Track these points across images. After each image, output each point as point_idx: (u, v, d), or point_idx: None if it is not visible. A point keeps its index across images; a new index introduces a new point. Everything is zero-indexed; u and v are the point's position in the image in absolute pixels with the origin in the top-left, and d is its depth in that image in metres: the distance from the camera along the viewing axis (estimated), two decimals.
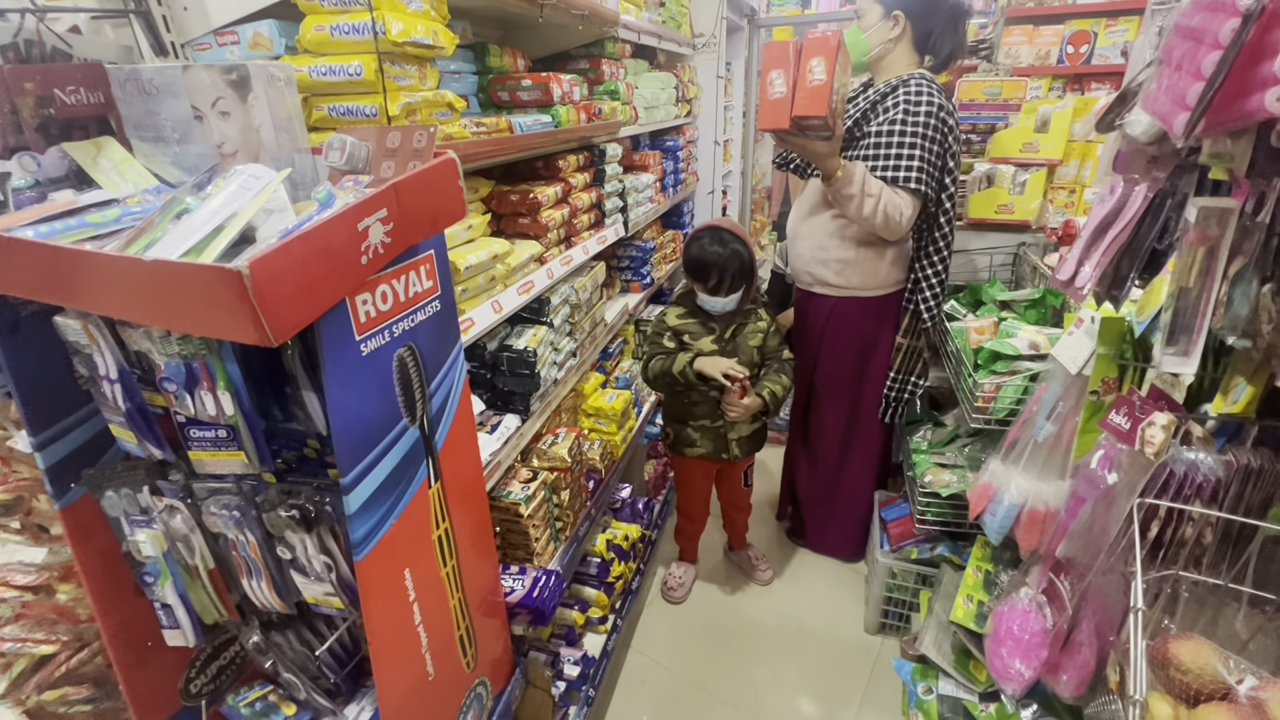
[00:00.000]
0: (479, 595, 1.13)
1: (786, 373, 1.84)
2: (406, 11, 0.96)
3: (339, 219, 0.65)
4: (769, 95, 1.44)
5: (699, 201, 3.07)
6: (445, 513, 0.99)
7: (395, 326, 0.82)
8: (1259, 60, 0.65)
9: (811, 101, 1.40)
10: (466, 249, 1.23)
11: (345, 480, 0.77)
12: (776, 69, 1.42)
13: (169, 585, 0.94)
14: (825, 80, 1.38)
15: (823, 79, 1.38)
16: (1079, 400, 1.19)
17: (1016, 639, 1.17)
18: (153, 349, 0.79)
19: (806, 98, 1.40)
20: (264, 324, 0.58)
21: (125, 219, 0.77)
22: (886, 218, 1.69)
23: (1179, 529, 0.86)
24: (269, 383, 0.90)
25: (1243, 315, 0.76)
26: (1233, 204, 0.75)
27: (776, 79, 1.43)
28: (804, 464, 2.25)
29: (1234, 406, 0.92)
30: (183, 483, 0.92)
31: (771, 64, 1.43)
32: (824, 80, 1.38)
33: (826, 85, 1.38)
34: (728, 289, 1.73)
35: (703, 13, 2.79)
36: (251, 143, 0.86)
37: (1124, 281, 0.99)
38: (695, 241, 1.75)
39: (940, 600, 1.63)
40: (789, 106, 1.43)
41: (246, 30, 0.96)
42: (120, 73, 0.88)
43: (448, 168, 0.81)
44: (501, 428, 1.37)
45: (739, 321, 1.83)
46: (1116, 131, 0.97)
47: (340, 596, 0.95)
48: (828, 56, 1.36)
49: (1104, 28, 3.48)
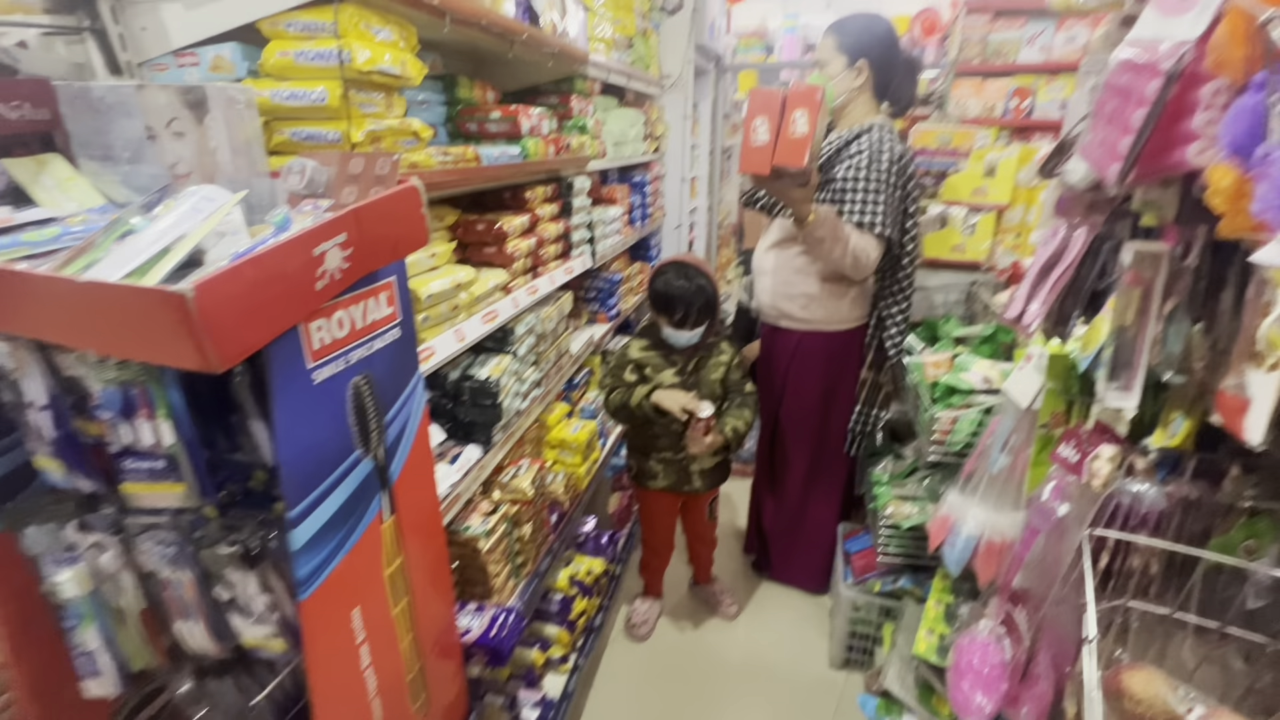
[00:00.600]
0: (433, 635, 1.08)
1: (749, 407, 1.86)
2: (374, 41, 0.96)
3: (294, 243, 0.63)
4: (752, 141, 1.47)
5: (666, 236, 3.12)
6: (399, 548, 0.95)
7: (351, 354, 0.80)
8: (1181, 117, 0.70)
9: (792, 153, 1.44)
10: (429, 276, 1.21)
11: (291, 514, 0.74)
12: (761, 115, 1.45)
13: (92, 629, 0.88)
14: (807, 133, 1.42)
15: (805, 131, 1.42)
16: (1030, 433, 1.23)
17: (977, 672, 1.17)
18: (88, 374, 0.75)
19: (788, 148, 1.44)
20: (208, 350, 0.55)
21: (65, 238, 0.74)
22: (855, 260, 1.74)
23: (1127, 559, 0.89)
24: (215, 411, 0.86)
25: (1177, 353, 0.80)
26: (1164, 248, 0.79)
27: (760, 126, 1.46)
28: (770, 497, 2.26)
29: (1173, 440, 0.95)
30: (114, 517, 0.86)
31: (757, 110, 1.46)
32: (806, 133, 1.42)
33: (808, 138, 1.42)
34: (692, 323, 1.76)
35: (671, 55, 2.88)
36: (207, 164, 0.84)
37: (1068, 319, 1.04)
38: (660, 275, 1.78)
39: (903, 633, 1.64)
40: (770, 154, 1.47)
41: (207, 52, 0.94)
42: (69, 90, 0.85)
43: (410, 195, 0.81)
44: (462, 459, 1.34)
45: (701, 354, 1.85)
46: (1057, 178, 1.02)
47: (283, 639, 0.89)
48: (811, 110, 1.41)
49: (1044, 84, 3.73)
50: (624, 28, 2.27)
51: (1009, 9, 3.72)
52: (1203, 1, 0.69)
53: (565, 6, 1.67)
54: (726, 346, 1.88)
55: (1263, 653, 0.81)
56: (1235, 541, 0.85)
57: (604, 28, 2.05)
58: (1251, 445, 0.64)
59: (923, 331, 2.09)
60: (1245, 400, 0.66)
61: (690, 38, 2.87)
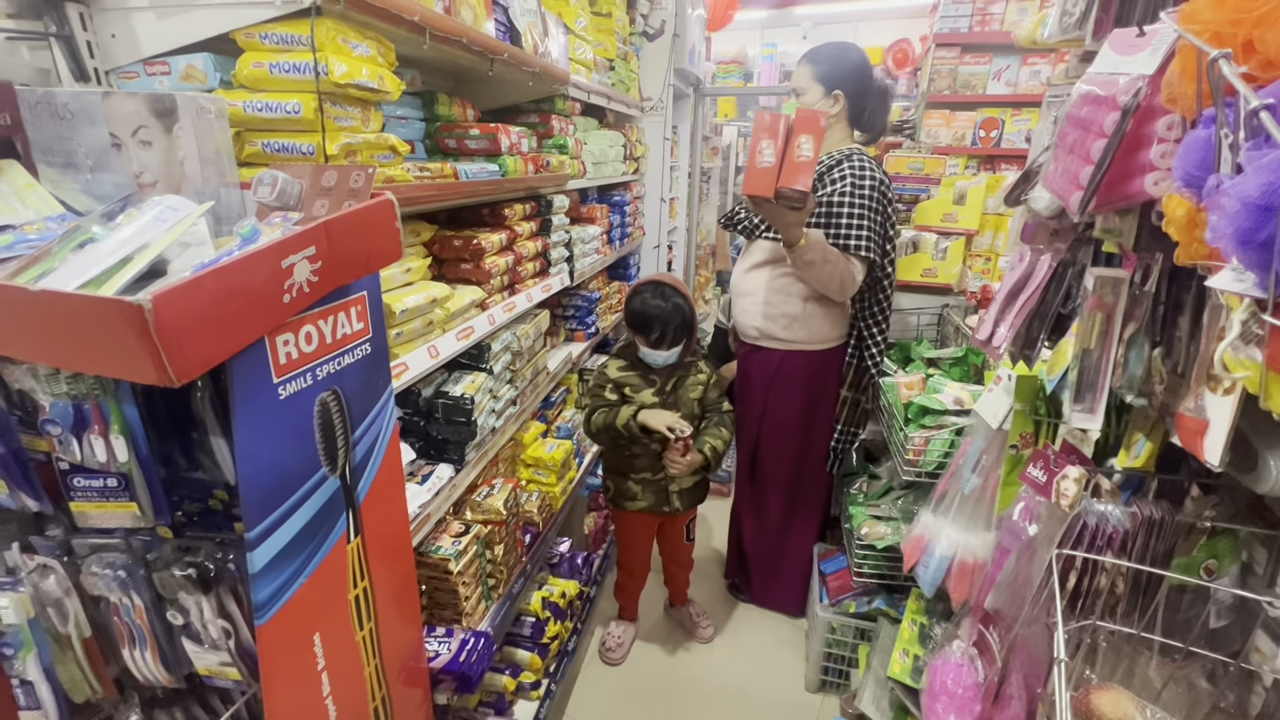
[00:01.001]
0: (399, 661, 1.04)
1: (727, 426, 1.87)
2: (351, 55, 0.96)
3: (260, 255, 0.62)
4: (757, 162, 1.48)
5: (645, 255, 3.14)
6: (365, 570, 0.92)
7: (319, 369, 0.78)
8: (1137, 149, 0.73)
9: (798, 176, 1.45)
10: (404, 292, 1.20)
11: (250, 535, 0.71)
12: (767, 138, 1.46)
13: (32, 658, 0.83)
14: (812, 157, 1.44)
15: (809, 156, 1.44)
16: (1000, 454, 1.25)
17: (950, 693, 1.17)
18: (38, 388, 0.71)
19: (794, 171, 1.45)
20: (165, 363, 0.53)
21: (19, 246, 0.71)
22: (842, 281, 1.79)
23: (1094, 579, 0.90)
24: (174, 427, 0.83)
25: (1138, 375, 0.83)
26: (1123, 274, 0.82)
27: (766, 148, 1.47)
28: (751, 518, 2.25)
29: (1136, 461, 0.98)
30: (61, 538, 0.82)
31: (763, 132, 1.47)
32: (811, 157, 1.44)
33: (812, 162, 1.45)
34: (669, 342, 1.77)
35: (651, 78, 2.93)
36: (174, 174, 0.82)
37: (1035, 342, 1.06)
38: (637, 295, 1.79)
39: (878, 655, 1.63)
40: (775, 177, 1.47)
41: (179, 62, 0.93)
42: (32, 95, 0.83)
43: (384, 208, 0.80)
44: (433, 478, 1.31)
45: (679, 374, 1.86)
46: (1023, 206, 1.06)
47: (239, 667, 0.85)
48: (816, 135, 1.43)
49: (1010, 116, 3.87)
50: (605, 50, 2.30)
51: (976, 44, 3.87)
52: (1156, 40, 0.72)
53: (547, 28, 1.69)
54: (704, 366, 1.89)
55: (1226, 672, 0.82)
56: (1197, 561, 0.87)
57: (585, 50, 2.07)
58: (1211, 466, 0.66)
59: (895, 353, 2.13)
60: (1204, 422, 0.68)
61: (670, 62, 2.92)
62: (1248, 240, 0.44)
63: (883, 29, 5.55)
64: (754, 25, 5.89)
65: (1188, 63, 0.59)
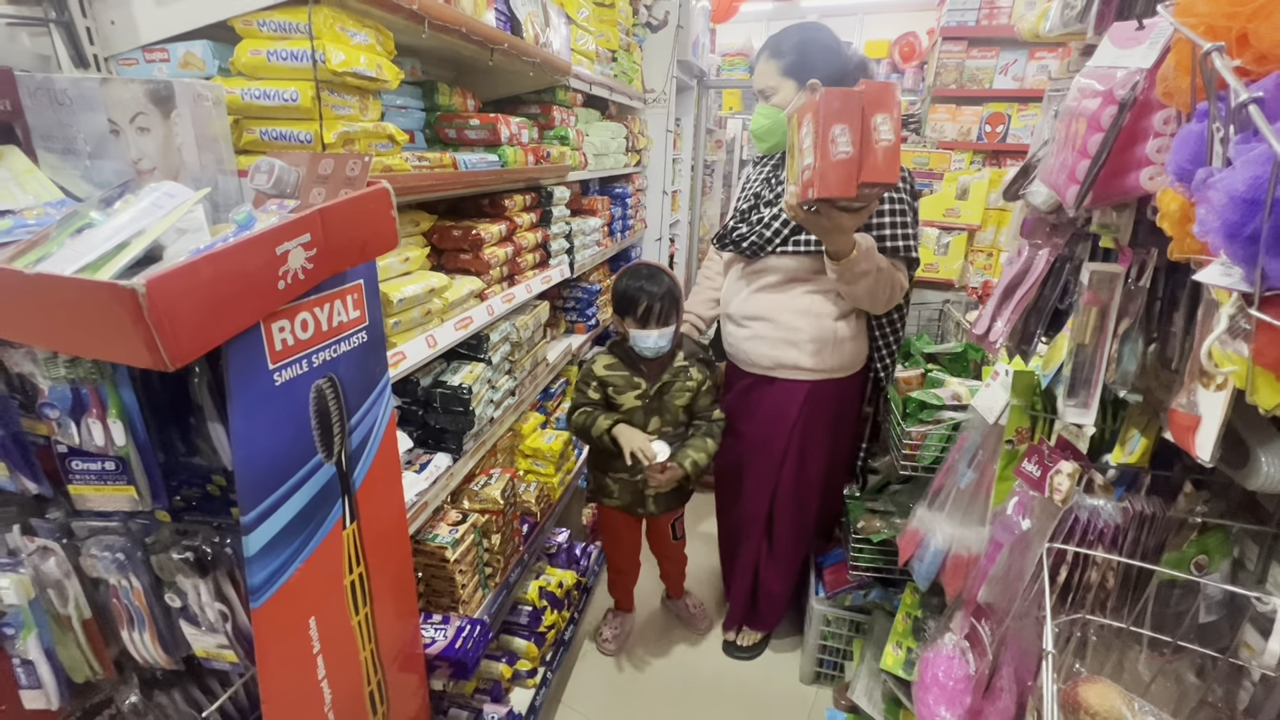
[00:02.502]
0: (395, 647, 1.05)
1: (714, 435, 1.75)
2: (349, 43, 0.96)
3: (255, 241, 0.62)
4: (832, 154, 1.15)
5: (647, 248, 3.14)
6: (360, 556, 0.93)
7: (315, 356, 0.78)
8: (1134, 143, 0.73)
9: (884, 166, 1.16)
10: (402, 281, 1.20)
11: (246, 519, 0.72)
12: (840, 123, 1.14)
13: (32, 638, 0.84)
14: (895, 141, 1.16)
15: (891, 139, 1.15)
16: (996, 449, 1.25)
17: (942, 686, 1.18)
18: (36, 371, 0.72)
19: (879, 161, 1.16)
20: (160, 347, 0.54)
21: (18, 230, 0.72)
22: (892, 292, 1.56)
23: (1085, 573, 0.90)
24: (172, 412, 0.84)
25: (1132, 371, 0.83)
26: (1119, 269, 0.82)
27: (840, 136, 1.15)
28: (771, 564, 1.98)
29: (1130, 457, 0.98)
30: (61, 521, 0.83)
31: (834, 115, 1.14)
32: (894, 141, 1.15)
33: (898, 147, 1.17)
34: (659, 319, 1.65)
35: (654, 70, 2.92)
36: (171, 161, 0.83)
37: (1031, 338, 1.06)
38: (621, 278, 1.74)
39: (872, 647, 1.64)
40: (856, 170, 1.16)
41: (178, 49, 0.93)
42: (31, 81, 0.83)
43: (380, 196, 0.80)
44: (431, 467, 1.32)
45: (667, 379, 1.74)
46: (1021, 200, 1.05)
47: (235, 649, 0.86)
48: (894, 112, 1.15)
49: (1016, 111, 3.84)
50: (607, 41, 2.29)
51: (983, 38, 3.84)
52: (1154, 34, 0.72)
53: (548, 18, 1.69)
54: (695, 373, 1.76)
55: (1215, 666, 0.82)
56: (1187, 557, 0.87)
57: (587, 41, 2.06)
58: (1202, 462, 0.66)
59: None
60: (1196, 418, 0.68)
61: (673, 54, 2.91)
62: (1234, 234, 0.44)
63: (889, 22, 5.51)
64: (760, 17, 5.85)
65: (1183, 56, 0.59)
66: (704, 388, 1.77)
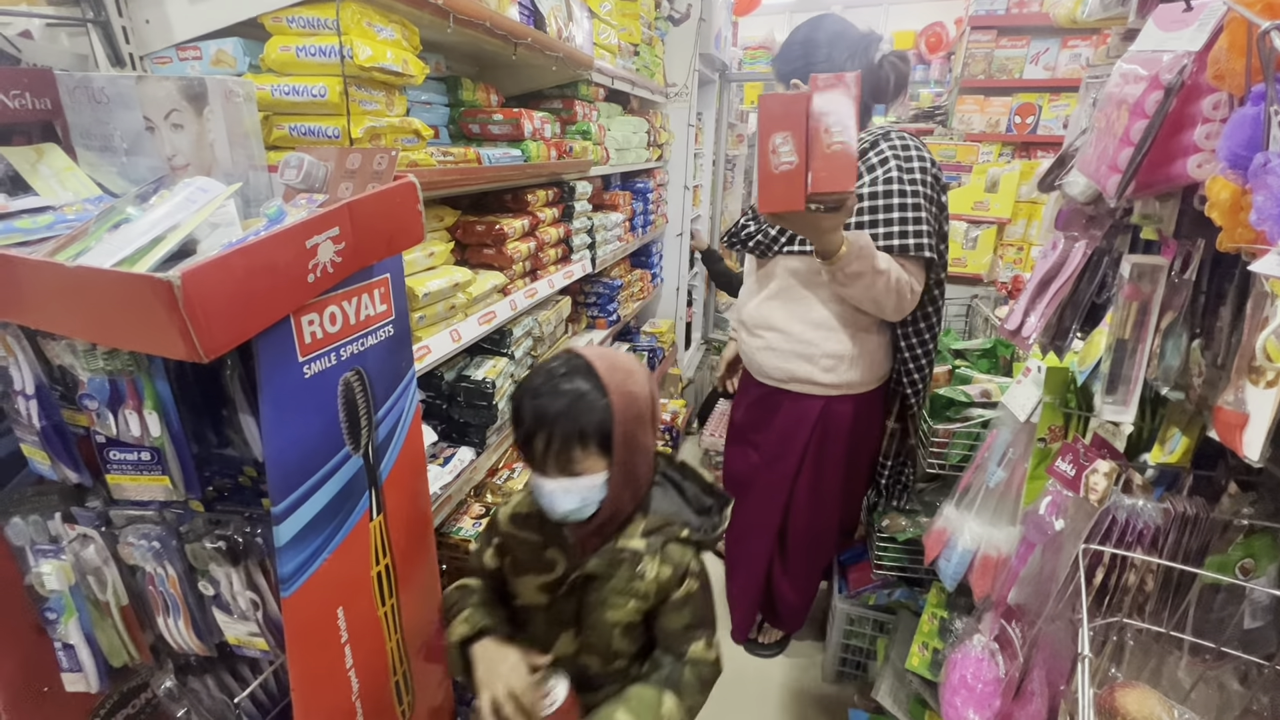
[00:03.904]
0: (420, 638, 1.06)
1: (685, 689, 0.94)
2: (376, 39, 0.97)
3: (286, 234, 0.63)
4: (772, 166, 1.03)
5: (668, 243, 3.13)
6: (387, 548, 0.94)
7: (343, 349, 0.79)
8: (1180, 130, 0.70)
9: (837, 172, 1.01)
10: (427, 275, 1.21)
11: (277, 509, 0.73)
12: (781, 130, 1.01)
13: (73, 623, 0.87)
14: (849, 142, 1.00)
15: (844, 141, 1.00)
16: (1028, 447, 1.22)
17: (970, 688, 1.16)
18: (76, 364, 0.74)
19: (829, 167, 1.01)
20: (194, 339, 0.55)
21: (59, 226, 0.74)
22: (899, 296, 1.40)
23: (1122, 576, 0.87)
24: (205, 405, 0.85)
25: (1174, 367, 0.80)
26: (1162, 262, 0.79)
27: (783, 145, 1.02)
28: (785, 581, 1.90)
29: (1170, 456, 0.95)
30: (100, 509, 0.86)
31: (773, 124, 1.01)
32: (847, 142, 1.00)
33: (852, 148, 1.01)
34: (556, 461, 0.87)
35: (676, 64, 2.90)
36: (204, 157, 0.84)
37: (1066, 333, 1.03)
38: (526, 376, 0.95)
39: (896, 647, 1.62)
40: (802, 181, 1.03)
41: (210, 46, 0.95)
42: (70, 80, 0.85)
43: (406, 190, 0.80)
44: (455, 460, 1.33)
45: (602, 571, 0.93)
46: (1057, 191, 1.02)
47: (266, 637, 0.88)
48: (849, 107, 1.00)
49: (1047, 102, 3.74)
50: (629, 35, 2.28)
51: (1013, 26, 3.75)
52: (1204, 15, 0.69)
53: (571, 12, 1.68)
54: (657, 569, 0.92)
55: (1260, 674, 0.79)
56: (1232, 560, 0.84)
57: (609, 35, 2.06)
58: (1250, 462, 0.63)
59: None
60: (1244, 416, 0.65)
61: (695, 47, 2.89)
62: None
63: (915, 11, 5.40)
64: (782, 9, 5.78)
65: (1237, 37, 0.56)
66: (673, 596, 0.94)
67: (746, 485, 1.85)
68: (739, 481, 1.89)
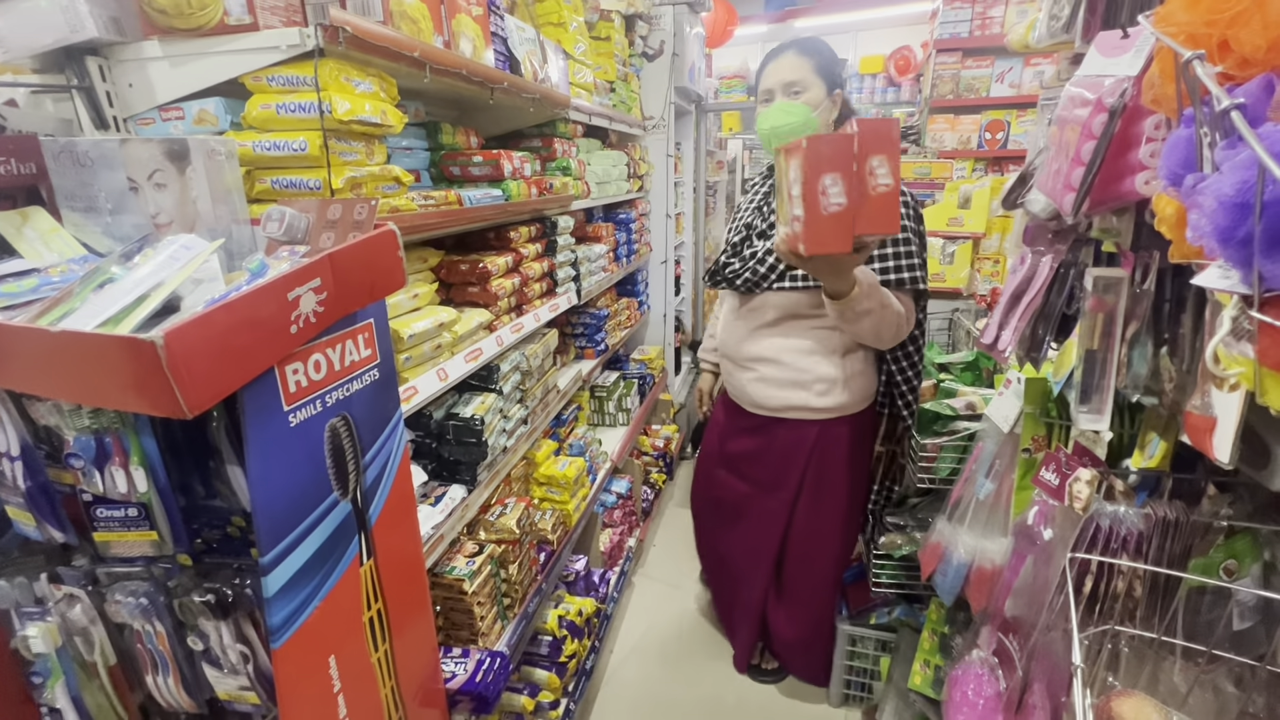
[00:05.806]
0: (415, 683, 1.05)
1: None
2: (354, 92, 1.00)
3: (268, 288, 0.64)
4: (823, 208, 1.05)
5: (653, 270, 3.16)
6: (378, 592, 0.94)
7: (328, 396, 0.80)
8: (1127, 149, 0.73)
9: (882, 215, 1.05)
10: (412, 317, 1.22)
11: (265, 560, 0.73)
12: (831, 172, 1.03)
13: (60, 686, 0.85)
14: (894, 185, 1.04)
15: (889, 183, 1.04)
16: (1013, 458, 1.23)
17: (972, 705, 1.15)
18: (62, 423, 0.74)
19: (877, 210, 1.05)
20: (178, 396, 0.55)
21: (44, 288, 0.75)
22: (898, 328, 1.44)
23: (1111, 583, 0.88)
24: (191, 456, 0.86)
25: (1142, 374, 0.82)
26: (1122, 273, 0.82)
27: (832, 187, 1.04)
28: (780, 609, 1.91)
29: (1151, 461, 0.96)
30: (86, 568, 0.85)
31: (823, 165, 1.03)
32: (893, 185, 1.04)
33: (896, 193, 1.05)
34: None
35: (652, 97, 2.97)
36: (188, 213, 0.86)
37: (1040, 344, 1.05)
38: None
39: (899, 667, 1.60)
40: (850, 223, 1.06)
41: (192, 106, 0.97)
42: (55, 145, 0.87)
43: (386, 238, 0.82)
44: (446, 499, 1.33)
45: None
46: (1021, 208, 1.06)
47: (257, 691, 0.87)
48: (891, 154, 1.03)
49: (1015, 118, 3.86)
50: (605, 73, 2.35)
51: (977, 48, 3.88)
52: (1139, 41, 0.72)
53: (545, 54, 1.74)
54: None
55: (1253, 675, 0.80)
56: (1215, 562, 0.85)
57: (585, 74, 2.12)
58: (1220, 464, 0.65)
59: None
60: (1212, 420, 0.67)
61: (670, 81, 2.97)
62: (1227, 238, 0.44)
63: (883, 37, 5.58)
64: (755, 40, 5.96)
65: (1166, 64, 0.60)
66: None
67: (737, 513, 1.86)
68: (724, 506, 1.90)
